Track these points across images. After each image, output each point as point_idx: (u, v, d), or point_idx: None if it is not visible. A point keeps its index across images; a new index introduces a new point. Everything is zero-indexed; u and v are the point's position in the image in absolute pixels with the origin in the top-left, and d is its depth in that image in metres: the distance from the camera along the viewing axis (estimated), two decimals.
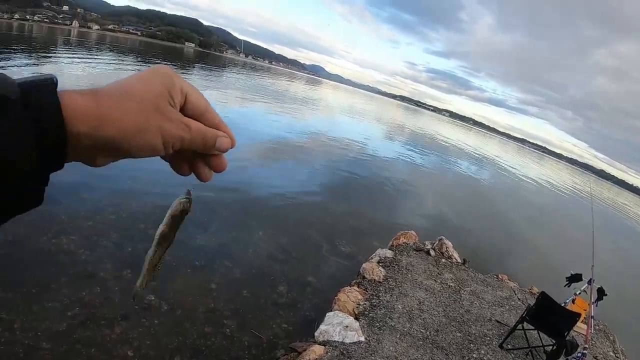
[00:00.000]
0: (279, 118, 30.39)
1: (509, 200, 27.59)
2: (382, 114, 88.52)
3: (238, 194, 11.67)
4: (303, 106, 48.29)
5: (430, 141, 53.33)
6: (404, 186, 19.78)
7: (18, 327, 5.26)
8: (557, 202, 38.76)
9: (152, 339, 5.55)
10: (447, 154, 43.59)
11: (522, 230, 19.45)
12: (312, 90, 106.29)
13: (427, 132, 71.65)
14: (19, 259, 6.62)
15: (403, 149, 33.55)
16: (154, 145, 0.64)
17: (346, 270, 8.83)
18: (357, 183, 17.42)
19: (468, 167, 36.60)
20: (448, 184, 25.69)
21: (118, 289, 6.34)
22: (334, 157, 21.08)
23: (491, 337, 6.82)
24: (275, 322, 6.51)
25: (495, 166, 50.40)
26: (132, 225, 8.45)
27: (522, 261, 13.82)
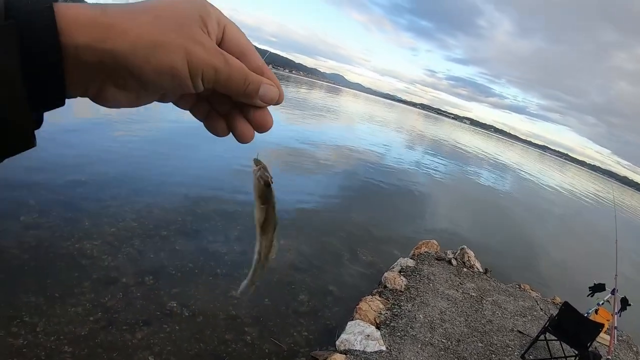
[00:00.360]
0: (299, 127, 30.49)
1: (531, 208, 27.21)
2: (403, 123, 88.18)
3: None
4: (324, 115, 48.37)
5: (451, 149, 52.98)
6: (425, 195, 19.64)
7: (41, 330, 5.33)
8: (580, 210, 38.24)
9: (173, 344, 5.58)
10: (468, 162, 43.22)
11: (545, 239, 19.17)
12: (332, 98, 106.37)
13: (448, 141, 71.16)
14: (42, 264, 6.70)
15: (424, 158, 33.38)
16: (177, 67, 0.51)
17: (367, 279, 8.79)
18: (378, 191, 17.37)
19: (489, 176, 36.24)
20: (469, 192, 25.40)
21: (140, 294, 6.40)
22: (354, 166, 21.05)
23: (513, 347, 6.73)
24: (296, 330, 6.49)
25: (517, 174, 49.85)
26: (155, 232, 8.51)
27: (545, 270, 13.61)
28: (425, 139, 60.01)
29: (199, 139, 16.89)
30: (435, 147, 48.74)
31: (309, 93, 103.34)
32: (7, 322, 5.34)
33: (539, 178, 56.40)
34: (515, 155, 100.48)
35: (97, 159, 12.02)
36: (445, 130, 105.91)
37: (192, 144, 16.33)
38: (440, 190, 22.29)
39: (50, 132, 13.88)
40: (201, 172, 13.27)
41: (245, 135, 0.65)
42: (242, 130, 0.65)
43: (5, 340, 5.05)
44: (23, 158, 6.87)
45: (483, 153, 67.23)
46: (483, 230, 16.16)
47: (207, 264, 7.71)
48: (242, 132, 0.65)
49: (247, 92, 0.59)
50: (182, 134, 17.69)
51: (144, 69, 0.50)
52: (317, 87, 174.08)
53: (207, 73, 0.54)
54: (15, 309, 5.61)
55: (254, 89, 0.59)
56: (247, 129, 0.65)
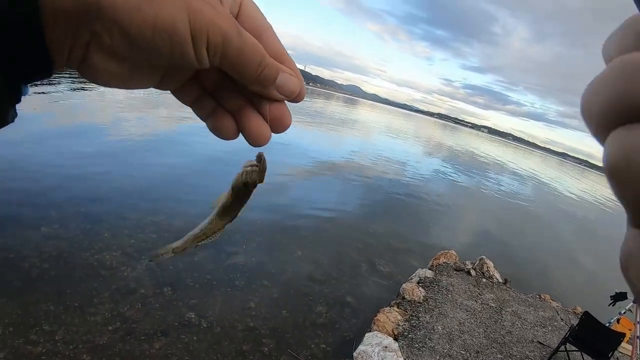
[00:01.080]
0: (317, 138, 30.62)
1: (551, 217, 26.83)
2: (420, 133, 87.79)
3: (277, 213, 11.73)
4: (341, 126, 48.50)
5: (469, 159, 52.59)
6: (443, 205, 19.48)
7: (60, 338, 5.40)
8: (601, 217, 37.60)
9: (190, 355, 5.60)
10: (487, 171, 42.82)
11: (565, 247, 18.90)
12: (349, 110, 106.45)
13: (466, 150, 70.64)
14: (62, 273, 6.80)
15: (442, 168, 33.15)
16: (176, 23, 0.41)
17: (385, 290, 8.75)
18: (396, 202, 17.30)
19: (508, 184, 35.82)
20: (488, 202, 25.11)
21: (158, 305, 6.45)
22: (372, 176, 21.00)
23: (533, 359, 6.64)
24: (313, 342, 6.48)
25: (536, 182, 49.29)
26: None
27: (565, 280, 13.41)
28: (443, 148, 59.64)
29: (215, 154, 17.02)
30: (453, 157, 48.42)
31: (327, 105, 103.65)
32: (27, 330, 5.42)
33: (558, 185, 55.72)
34: (534, 163, 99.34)
35: (117, 173, 12.18)
36: (463, 140, 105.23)
37: (212, 157, 16.42)
38: (459, 200, 22.14)
39: (73, 146, 14.11)
40: (218, 185, 13.33)
41: (260, 134, 0.55)
42: (255, 128, 0.55)
43: (24, 347, 5.13)
44: (45, 170, 7.03)
45: (501, 161, 66.63)
46: (502, 240, 15.96)
47: (226, 276, 7.75)
48: (256, 131, 0.55)
49: (262, 78, 0.50)
50: (201, 148, 17.82)
51: (135, 21, 0.40)
52: (334, 99, 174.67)
53: (214, 39, 0.43)
54: (34, 317, 5.70)
55: (270, 75, 0.50)
56: (261, 127, 0.55)
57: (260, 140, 0.55)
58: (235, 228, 9.93)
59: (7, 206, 8.68)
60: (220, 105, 0.55)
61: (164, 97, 30.42)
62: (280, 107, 0.55)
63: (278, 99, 0.54)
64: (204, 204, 10.71)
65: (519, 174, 53.97)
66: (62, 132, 15.88)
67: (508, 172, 50.39)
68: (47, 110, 19.55)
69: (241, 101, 0.55)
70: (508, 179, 41.33)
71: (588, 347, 6.22)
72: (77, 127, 17.37)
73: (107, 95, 27.93)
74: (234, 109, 0.55)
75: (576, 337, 6.33)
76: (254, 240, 9.64)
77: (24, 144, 13.16)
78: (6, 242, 7.33)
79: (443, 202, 19.94)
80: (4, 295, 5.98)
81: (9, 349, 5.05)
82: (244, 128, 0.55)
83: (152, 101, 27.51)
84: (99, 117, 20.20)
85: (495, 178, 38.82)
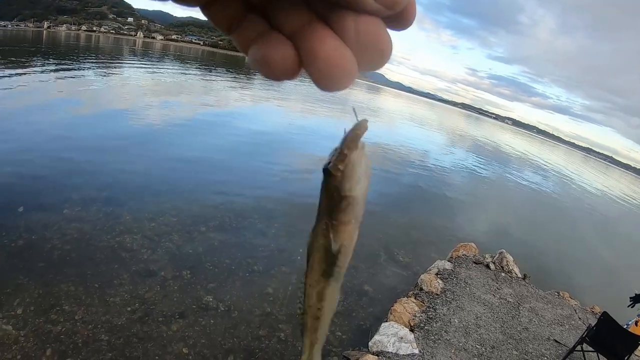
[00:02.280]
0: (340, 126, 30.41)
1: (574, 213, 26.18)
2: (444, 123, 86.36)
3: (297, 200, 11.76)
4: (364, 115, 48.07)
5: (492, 150, 51.53)
6: (464, 196, 19.25)
7: (79, 318, 5.52)
8: (625, 215, 36.78)
9: (207, 338, 5.66)
10: (510, 164, 41.86)
11: (587, 245, 18.47)
12: (372, 98, 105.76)
13: (489, 141, 69.13)
14: (83, 255, 6.93)
15: (464, 159, 32.56)
16: None
17: (403, 280, 8.71)
18: (417, 192, 17.16)
19: (531, 178, 35.00)
20: (510, 195, 24.59)
21: (177, 288, 6.54)
22: (393, 166, 20.80)
23: (549, 357, 6.54)
24: (329, 329, 6.46)
25: (560, 177, 48.10)
26: (194, 227, 8.69)
27: (585, 278, 13.13)
28: (466, 139, 58.37)
29: (239, 141, 17.12)
30: (477, 148, 47.39)
31: (349, 92, 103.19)
32: (47, 309, 5.55)
33: (582, 181, 54.54)
34: (559, 157, 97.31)
35: (139, 157, 12.34)
36: (486, 131, 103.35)
37: (231, 144, 16.51)
38: (481, 192, 21.83)
39: (97, 132, 14.30)
40: (241, 172, 13.42)
41: (335, 61, 0.34)
42: (330, 52, 0.34)
43: (44, 326, 5.25)
44: (68, 153, 7.13)
45: (525, 154, 65.37)
46: (523, 234, 15.65)
47: (244, 261, 7.81)
48: (331, 57, 0.34)
49: None
50: (220, 135, 17.91)
51: None
52: (357, 86, 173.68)
53: None
54: (55, 297, 5.82)
55: None
56: (338, 51, 0.34)
57: (335, 72, 0.35)
58: (256, 214, 10.01)
59: (30, 189, 8.85)
60: (273, 25, 0.37)
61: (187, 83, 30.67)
62: (373, 23, 0.35)
63: (371, 9, 0.34)
64: (225, 189, 10.85)
65: (542, 167, 52.86)
66: (84, 116, 16.11)
67: (531, 166, 49.37)
68: (71, 95, 19.85)
69: (306, 16, 0.36)
70: (531, 173, 40.38)
71: (605, 348, 6.13)
72: (100, 111, 17.62)
73: (131, 80, 28.26)
74: (293, 30, 0.36)
75: (593, 337, 6.24)
76: (274, 226, 9.70)
77: (48, 128, 13.38)
78: (29, 225, 7.49)
79: (464, 194, 19.73)
80: (26, 276, 6.12)
81: (29, 327, 5.17)
82: (309, 54, 0.35)
83: (175, 87, 27.63)
84: (122, 102, 20.44)
85: (519, 171, 37.94)
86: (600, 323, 6.22)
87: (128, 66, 41.28)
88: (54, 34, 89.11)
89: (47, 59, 34.34)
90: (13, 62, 28.73)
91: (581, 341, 6.31)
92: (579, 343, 6.34)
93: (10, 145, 11.13)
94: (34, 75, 24.32)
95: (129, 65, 42.30)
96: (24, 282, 5.97)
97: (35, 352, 4.82)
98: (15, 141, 11.56)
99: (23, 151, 10.84)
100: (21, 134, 12.26)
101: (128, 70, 36.70)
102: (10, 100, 16.57)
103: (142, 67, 43.15)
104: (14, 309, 5.41)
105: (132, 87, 26.84)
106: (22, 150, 10.93)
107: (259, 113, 27.87)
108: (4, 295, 5.61)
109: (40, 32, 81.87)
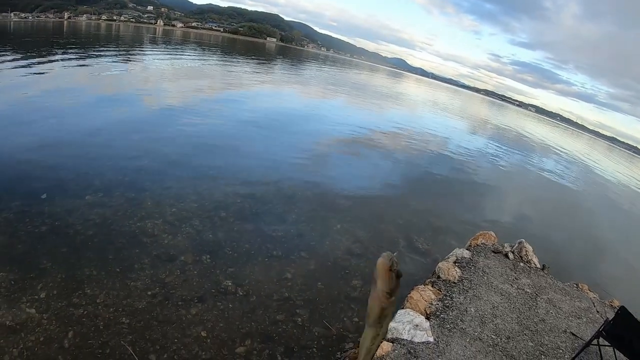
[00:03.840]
0: (361, 112, 30.33)
1: (596, 204, 25.29)
2: (466, 109, 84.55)
3: (318, 186, 11.85)
4: (385, 100, 47.58)
5: (515, 138, 50.12)
6: (485, 185, 18.87)
7: (101, 302, 5.67)
8: None
9: (225, 322, 5.77)
10: (533, 152, 40.49)
11: (609, 237, 17.88)
12: (394, 83, 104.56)
13: (512, 129, 67.10)
14: (106, 240, 7.09)
15: (487, 146, 31.72)
16: None
17: (421, 268, 8.70)
18: (437, 180, 17.01)
19: (554, 167, 33.89)
20: (532, 184, 23.85)
21: (197, 272, 6.67)
22: (415, 153, 20.70)
23: (564, 350, 6.47)
24: (346, 315, 6.54)
25: (583, 166, 46.63)
26: (214, 213, 8.82)
27: (605, 271, 12.80)
28: (488, 126, 57.09)
29: (259, 128, 17.19)
30: (499, 135, 46.19)
31: (371, 77, 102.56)
32: (70, 293, 5.71)
33: (606, 171, 53.14)
34: (583, 146, 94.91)
35: (160, 142, 12.48)
36: (509, 118, 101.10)
37: (253, 132, 16.57)
38: (502, 180, 21.31)
39: (116, 117, 14.45)
40: (261, 159, 13.49)
41: None
42: None
43: (67, 309, 5.40)
44: (89, 140, 7.25)
45: (548, 142, 63.78)
46: (544, 224, 15.28)
47: (264, 246, 7.90)
48: None
49: None
50: (244, 122, 17.97)
51: None
52: (379, 72, 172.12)
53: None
54: (77, 281, 5.98)
55: None
56: None
57: None
58: (276, 200, 10.09)
59: (54, 176, 9.03)
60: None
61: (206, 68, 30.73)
62: None
63: None
64: (245, 175, 10.94)
65: (565, 156, 51.66)
66: (105, 103, 16.28)
67: (554, 154, 48.22)
68: (91, 83, 20.05)
69: None
70: (554, 161, 39.39)
71: (622, 343, 6.03)
72: (121, 98, 17.79)
73: (151, 66, 28.42)
74: None
75: (610, 332, 6.15)
76: (293, 211, 9.79)
77: (69, 116, 13.57)
78: (53, 210, 7.66)
79: (485, 182, 19.35)
80: (50, 260, 6.29)
81: (52, 310, 5.33)
82: None
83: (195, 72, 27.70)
84: (141, 88, 20.57)
85: (541, 159, 36.92)
86: (618, 318, 6.12)
87: (150, 53, 41.49)
88: (74, 24, 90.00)
89: (69, 48, 34.70)
90: (36, 53, 29.05)
91: (597, 335, 6.19)
92: (595, 337, 6.23)
93: (33, 134, 11.35)
94: (57, 63, 24.60)
95: (150, 53, 42.52)
96: (47, 267, 6.14)
97: (58, 335, 4.97)
98: (37, 129, 11.78)
99: (45, 139, 11.06)
100: (43, 123, 12.48)
101: (149, 57, 36.88)
102: (33, 89, 16.80)
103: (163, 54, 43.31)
104: (38, 292, 5.58)
105: (152, 72, 27.03)
106: (45, 138, 11.15)
107: (278, 99, 27.90)
108: (28, 280, 5.78)
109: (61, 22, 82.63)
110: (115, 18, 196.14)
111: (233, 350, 5.34)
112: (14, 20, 58.07)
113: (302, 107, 25.78)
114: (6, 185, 8.31)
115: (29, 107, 13.96)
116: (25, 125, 11.93)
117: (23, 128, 11.68)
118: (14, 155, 9.77)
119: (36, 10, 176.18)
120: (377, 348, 0.92)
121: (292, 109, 24.52)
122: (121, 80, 22.46)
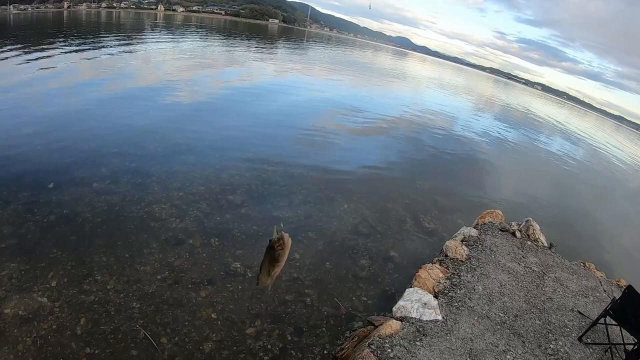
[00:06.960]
0: (366, 92, 30.15)
1: (603, 183, 24.99)
2: (471, 87, 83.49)
3: (325, 166, 11.90)
4: (390, 80, 47.14)
5: (521, 116, 49.50)
6: (492, 163, 18.66)
7: (111, 287, 5.73)
8: None
9: (235, 303, 5.83)
10: (540, 130, 39.85)
11: (616, 216, 17.78)
12: (398, 62, 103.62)
13: (518, 107, 66.36)
14: (113, 226, 7.13)
15: (493, 125, 31.23)
16: None
17: (429, 247, 8.72)
18: (444, 159, 16.98)
19: (561, 146, 33.52)
20: (539, 163, 23.78)
21: (205, 255, 6.72)
22: (421, 132, 20.63)
23: (571, 328, 6.47)
24: (355, 294, 6.58)
25: (590, 146, 46.13)
26: (221, 196, 8.87)
27: (613, 250, 12.74)
28: (494, 104, 56.17)
29: (265, 110, 17.18)
30: (505, 114, 45.52)
31: (375, 57, 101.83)
32: (80, 280, 5.77)
33: (613, 150, 52.65)
34: (589, 125, 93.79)
35: (165, 128, 12.49)
36: (515, 96, 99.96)
37: (257, 113, 16.57)
38: (509, 159, 21.11)
39: (123, 103, 14.45)
40: (267, 140, 13.53)
41: None
42: None
43: (78, 296, 5.46)
44: (95, 128, 7.26)
45: (555, 121, 63.05)
46: (551, 203, 15.15)
47: (272, 227, 7.82)
48: None
49: None
50: (246, 103, 17.96)
51: None
52: (383, 50, 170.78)
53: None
54: (87, 268, 6.05)
55: None
56: None
57: None
58: (283, 181, 10.12)
59: (61, 165, 9.05)
60: None
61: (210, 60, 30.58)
62: None
63: None
64: (252, 157, 10.95)
65: (572, 134, 51.09)
66: (110, 92, 16.23)
67: (561, 132, 47.70)
68: (97, 73, 19.99)
69: None
70: (560, 140, 38.97)
71: (628, 322, 6.03)
72: (126, 87, 17.71)
73: (156, 57, 28.32)
74: None
75: (617, 311, 6.15)
76: (301, 192, 9.83)
77: (74, 106, 13.56)
78: (61, 199, 7.71)
79: (492, 160, 19.20)
80: (59, 249, 6.35)
81: (63, 298, 5.39)
82: None
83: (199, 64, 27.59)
84: (146, 79, 20.50)
85: (548, 138, 36.49)
86: (625, 297, 6.11)
87: (151, 40, 41.26)
88: (74, 13, 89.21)
89: (70, 39, 34.55)
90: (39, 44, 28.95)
91: (604, 314, 6.20)
92: (602, 316, 6.22)
93: (39, 123, 11.36)
94: (60, 55, 24.50)
95: (152, 40, 42.28)
96: (57, 255, 6.19)
97: (70, 322, 5.03)
98: (43, 119, 11.77)
99: (51, 129, 11.05)
100: (49, 113, 12.45)
101: (151, 45, 36.67)
102: (39, 80, 16.77)
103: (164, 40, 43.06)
104: (49, 281, 5.64)
105: (156, 60, 26.87)
106: (51, 128, 11.14)
107: (282, 81, 27.57)
108: (38, 269, 5.83)
109: (60, 12, 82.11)
110: (115, 5, 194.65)
111: (243, 331, 5.39)
112: (13, 13, 57.54)
113: (306, 90, 25.48)
114: (13, 176, 8.30)
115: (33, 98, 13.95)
116: (30, 116, 11.94)
117: (29, 119, 11.67)
118: (19, 145, 9.76)
119: (35, 1, 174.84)
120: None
121: (297, 91, 24.10)
122: (124, 70, 22.23)
